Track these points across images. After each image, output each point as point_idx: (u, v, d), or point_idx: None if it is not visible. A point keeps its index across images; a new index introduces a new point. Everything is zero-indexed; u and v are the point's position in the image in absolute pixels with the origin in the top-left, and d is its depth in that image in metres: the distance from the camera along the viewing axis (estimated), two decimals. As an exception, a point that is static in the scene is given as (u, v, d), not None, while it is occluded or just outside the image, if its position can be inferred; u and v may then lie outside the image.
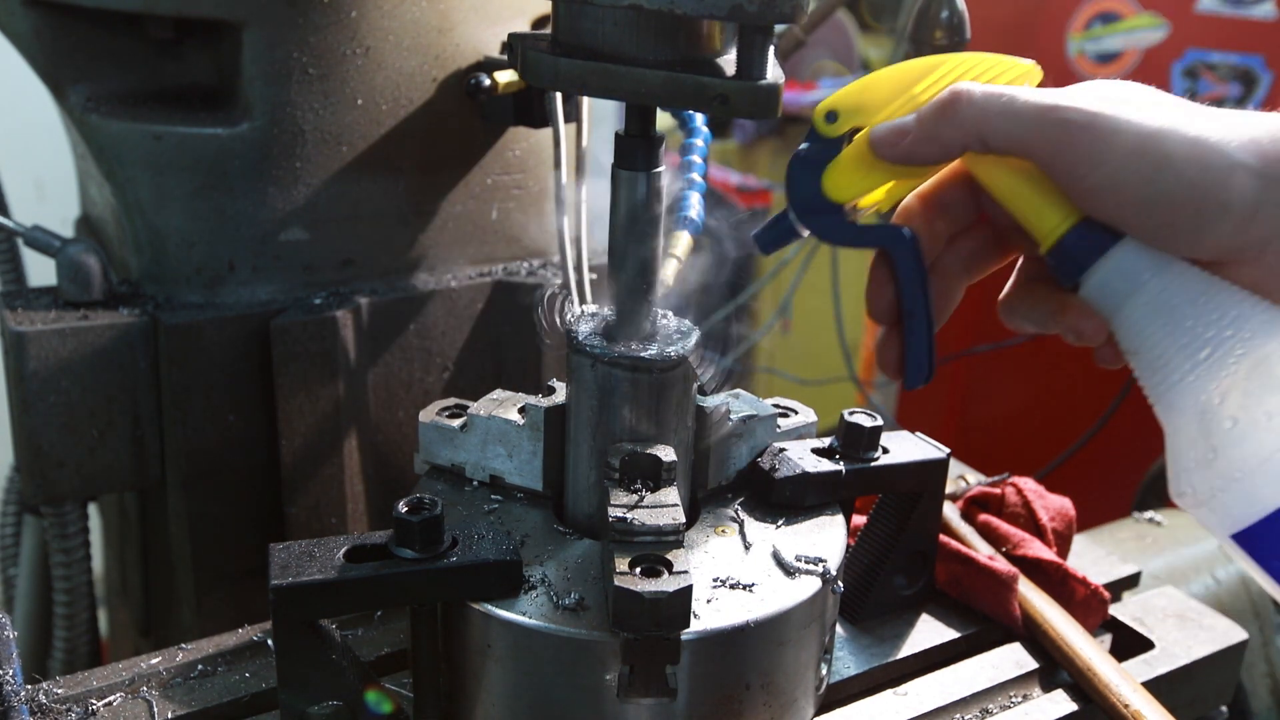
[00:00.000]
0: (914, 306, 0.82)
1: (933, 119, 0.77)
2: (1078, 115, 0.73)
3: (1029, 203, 0.77)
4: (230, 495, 1.23)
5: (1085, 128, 0.72)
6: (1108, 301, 0.76)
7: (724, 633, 0.82)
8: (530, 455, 0.95)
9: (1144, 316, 0.74)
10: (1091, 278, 0.76)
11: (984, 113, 0.75)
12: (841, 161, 0.82)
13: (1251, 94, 2.46)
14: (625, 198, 0.85)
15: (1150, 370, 0.75)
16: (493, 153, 1.31)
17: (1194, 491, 0.72)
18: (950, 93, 0.77)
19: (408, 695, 0.92)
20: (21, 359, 1.12)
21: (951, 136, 0.77)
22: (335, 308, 1.22)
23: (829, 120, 0.82)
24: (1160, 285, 0.73)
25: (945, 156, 0.79)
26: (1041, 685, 1.02)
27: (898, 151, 0.79)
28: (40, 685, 0.92)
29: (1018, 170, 0.77)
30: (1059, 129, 0.73)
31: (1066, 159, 0.73)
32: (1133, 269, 0.74)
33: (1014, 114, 0.74)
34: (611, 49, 0.77)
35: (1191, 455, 0.71)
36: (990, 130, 0.75)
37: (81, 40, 1.15)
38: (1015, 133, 0.74)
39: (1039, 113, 0.74)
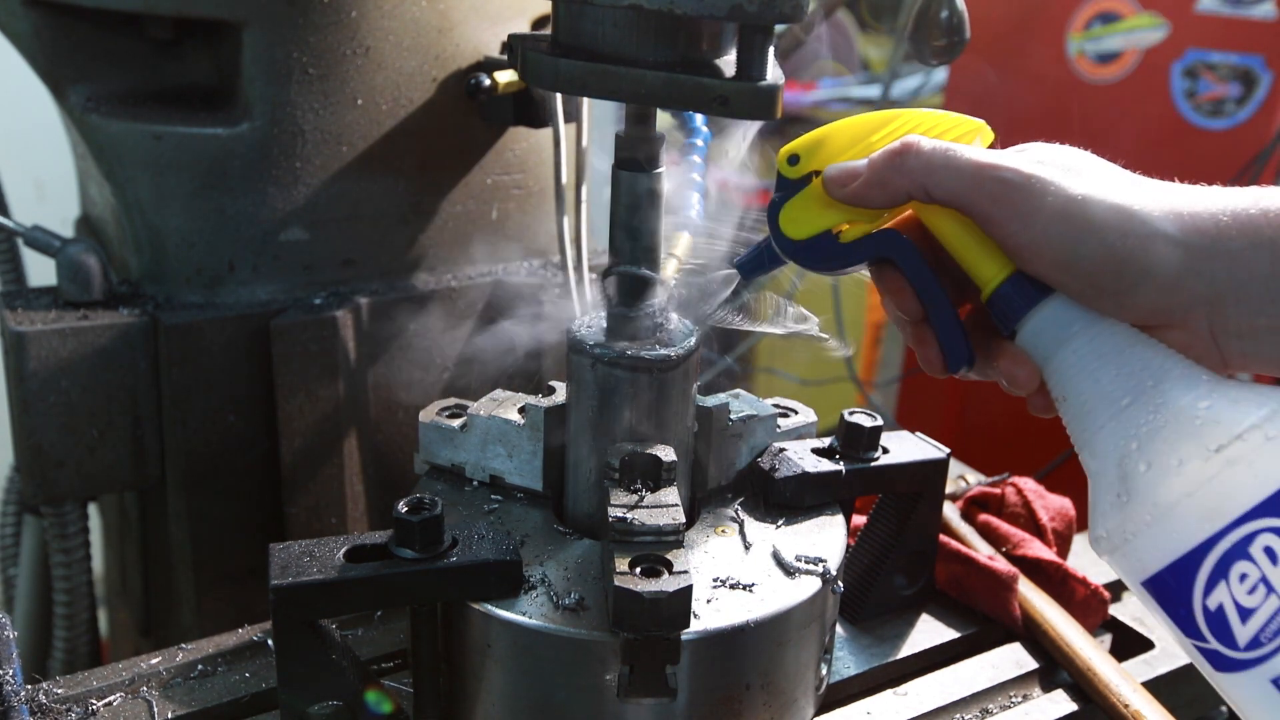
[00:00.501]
0: (935, 295, 0.83)
1: (882, 165, 0.81)
2: (1012, 175, 0.76)
3: (971, 251, 0.81)
4: (230, 495, 1.23)
5: (1018, 188, 0.76)
6: (1039, 350, 0.79)
7: (724, 633, 0.82)
8: (530, 455, 0.95)
9: (1072, 365, 0.77)
10: (1025, 326, 0.79)
11: (929, 165, 0.79)
12: (797, 201, 0.85)
13: (1251, 94, 2.46)
14: (625, 198, 0.85)
15: (1076, 417, 0.78)
16: (493, 153, 1.31)
17: (1108, 536, 0.74)
18: (901, 143, 0.80)
19: (408, 690, 0.92)
20: (21, 359, 1.12)
21: (898, 184, 0.80)
22: (335, 308, 1.22)
23: (791, 163, 0.85)
24: (1088, 336, 0.77)
25: (891, 201, 0.82)
26: (1041, 685, 1.02)
27: (847, 192, 0.82)
28: (40, 685, 0.92)
29: (961, 221, 0.81)
30: (994, 185, 0.76)
31: (999, 215, 0.77)
32: (1064, 320, 0.78)
33: (955, 169, 0.78)
34: (612, 50, 0.77)
35: (1108, 500, 0.74)
36: (933, 182, 0.79)
37: (81, 40, 1.15)
38: (954, 186, 0.78)
39: (977, 170, 0.77)
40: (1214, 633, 0.71)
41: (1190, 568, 0.70)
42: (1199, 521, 0.69)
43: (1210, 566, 0.69)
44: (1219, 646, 0.71)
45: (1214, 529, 0.69)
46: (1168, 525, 0.70)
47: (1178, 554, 0.71)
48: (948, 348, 0.83)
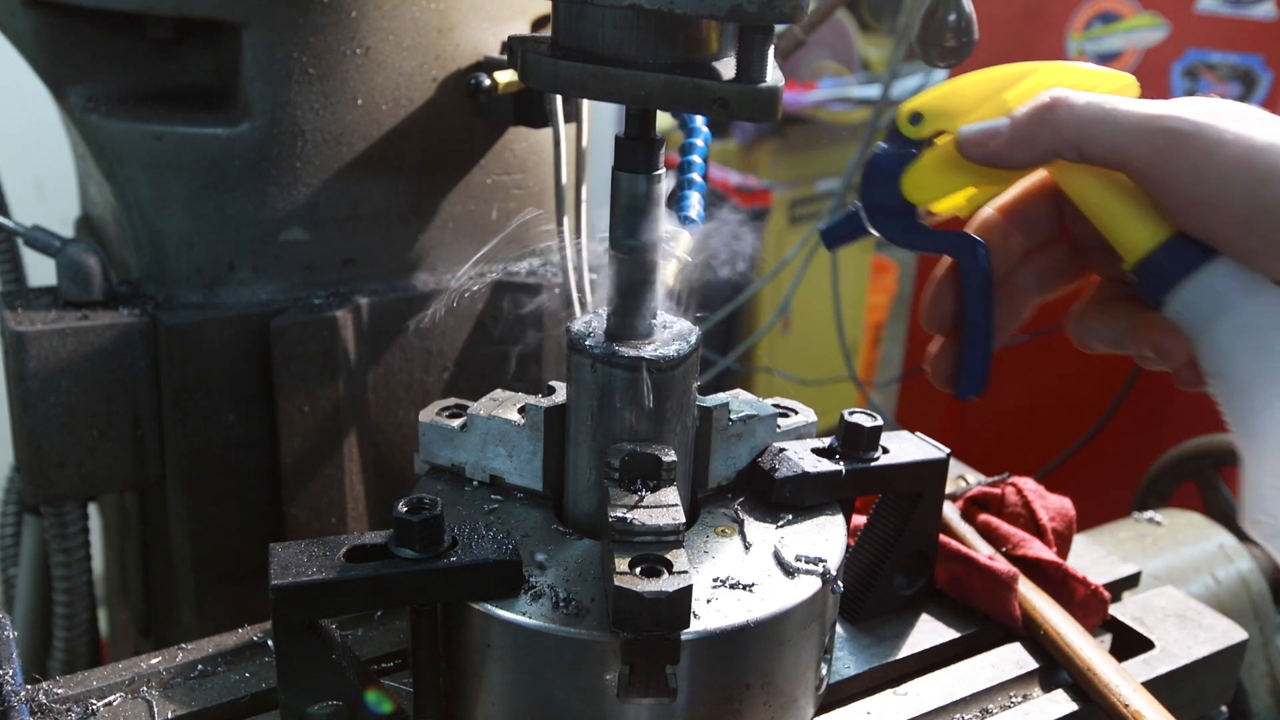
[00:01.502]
0: (977, 318, 0.80)
1: (1029, 122, 0.75)
2: (1183, 125, 0.71)
3: (1119, 216, 0.75)
4: (230, 495, 1.23)
5: (1191, 137, 0.70)
6: (1194, 321, 0.74)
7: (724, 633, 0.82)
8: (530, 455, 0.95)
9: (1231, 339, 0.72)
10: (1179, 296, 0.74)
11: (1083, 119, 0.73)
12: (923, 163, 0.80)
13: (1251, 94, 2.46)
14: (625, 200, 0.85)
15: (1233, 395, 0.73)
16: (493, 153, 1.31)
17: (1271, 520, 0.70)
18: (1050, 96, 0.75)
19: (408, 690, 0.92)
20: (21, 359, 1.12)
21: (1047, 141, 0.75)
22: (335, 308, 1.22)
23: (913, 122, 0.80)
24: (1252, 308, 0.71)
25: (1037, 161, 0.76)
26: (1041, 685, 1.02)
27: (986, 151, 0.77)
28: (40, 685, 0.92)
29: (1109, 182, 0.75)
30: (1163, 138, 0.71)
31: (1168, 169, 0.71)
32: (1224, 289, 0.72)
33: (1115, 122, 0.72)
34: (611, 52, 0.77)
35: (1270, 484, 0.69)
36: (1089, 138, 0.73)
37: (81, 40, 1.15)
38: (1115, 141, 0.72)
39: (1142, 121, 0.72)
40: None
41: None
42: None
43: None
44: None
45: None
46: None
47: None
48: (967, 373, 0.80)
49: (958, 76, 0.81)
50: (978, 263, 0.80)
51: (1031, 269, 0.85)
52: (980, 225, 0.84)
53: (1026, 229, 0.83)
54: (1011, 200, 0.83)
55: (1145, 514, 1.45)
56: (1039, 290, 0.85)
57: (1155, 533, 1.41)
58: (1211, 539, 1.40)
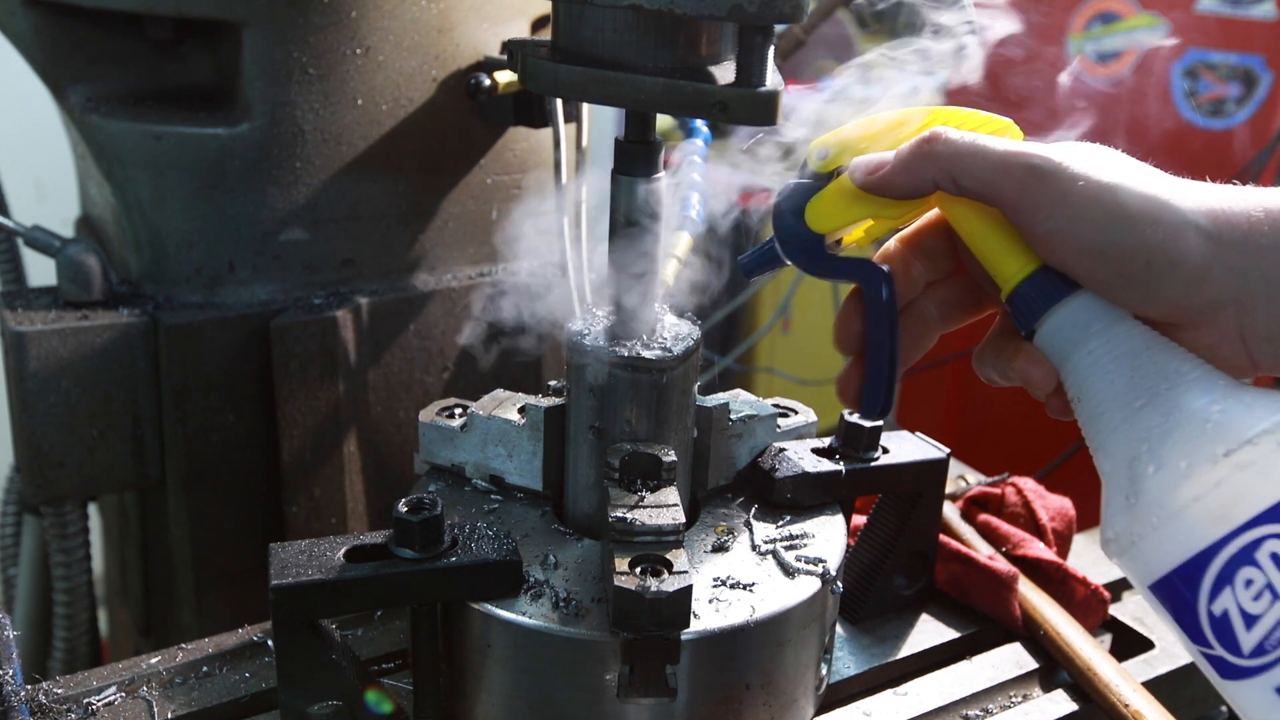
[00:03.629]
0: (878, 339, 0.84)
1: (910, 154, 0.80)
2: (1042, 162, 0.76)
3: (993, 247, 0.80)
4: (230, 495, 1.23)
5: (1049, 175, 0.75)
6: (1058, 350, 0.79)
7: (724, 633, 0.82)
8: (530, 455, 0.95)
9: (1088, 366, 0.77)
10: (1044, 325, 0.79)
11: (957, 153, 0.78)
12: (825, 195, 0.85)
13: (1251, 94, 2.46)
14: (625, 203, 0.85)
15: (1090, 418, 0.77)
16: (493, 153, 1.31)
17: (1116, 538, 0.74)
18: (930, 131, 0.80)
19: (408, 690, 0.92)
20: (21, 359, 1.12)
21: (925, 171, 0.80)
22: (335, 308, 1.22)
23: (819, 157, 0.85)
24: (1108, 336, 0.76)
25: (917, 191, 0.81)
26: (1041, 685, 1.02)
27: (873, 180, 0.82)
28: (40, 685, 0.92)
29: (985, 216, 0.80)
30: (1024, 172, 0.76)
31: (1028, 203, 0.76)
32: (1084, 319, 0.77)
33: (984, 156, 0.77)
34: (611, 56, 0.77)
35: (1118, 501, 0.73)
36: (961, 170, 0.78)
37: (81, 40, 1.15)
38: (983, 174, 0.77)
39: (1006, 157, 0.77)
40: (1219, 639, 0.70)
41: (1196, 572, 0.70)
42: (1206, 526, 0.69)
43: (1216, 572, 0.69)
44: (1224, 653, 0.70)
45: (1220, 533, 0.68)
46: (1174, 529, 0.70)
47: (1184, 558, 0.70)
48: (869, 393, 0.84)
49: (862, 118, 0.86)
50: (879, 289, 0.84)
51: (933, 299, 0.89)
52: (883, 255, 0.89)
53: (926, 261, 0.88)
54: (911, 233, 0.88)
55: (1145, 514, 1.45)
56: (941, 321, 0.90)
57: (1155, 533, 1.40)
58: (1211, 539, 1.40)
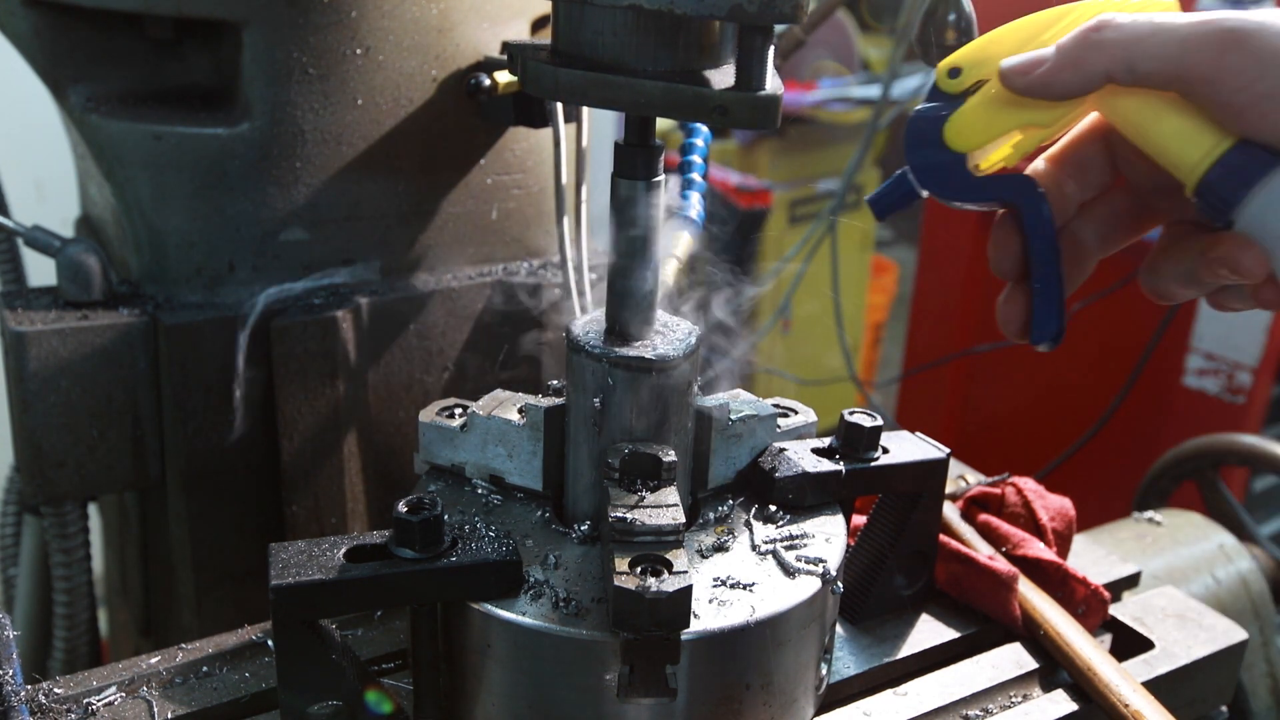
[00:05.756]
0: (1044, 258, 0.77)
1: (1075, 46, 0.72)
2: (1237, 26, 0.69)
3: (1174, 135, 0.72)
4: (230, 495, 1.23)
5: (1251, 34, 0.68)
6: (1271, 229, 0.70)
7: (724, 633, 0.82)
8: (530, 455, 0.95)
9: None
10: (1249, 206, 0.71)
11: (1133, 35, 0.71)
12: (966, 109, 0.78)
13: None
14: (625, 206, 0.85)
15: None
16: (493, 153, 1.31)
17: None
18: (1096, 19, 0.72)
19: (408, 690, 0.92)
20: (21, 359, 1.12)
21: (1094, 63, 0.72)
22: (335, 308, 1.22)
23: (952, 76, 0.78)
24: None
25: (1086, 86, 0.73)
26: (1041, 685, 1.02)
27: (1031, 80, 0.74)
28: (40, 685, 0.92)
29: (1160, 103, 0.73)
30: (1220, 39, 0.68)
31: (1230, 70, 0.68)
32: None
33: (1169, 32, 0.70)
34: (611, 59, 0.77)
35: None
36: (1141, 53, 0.70)
37: (81, 40, 1.15)
38: (1170, 52, 0.70)
39: (1196, 28, 0.69)
40: None
41: None
42: None
43: None
44: None
45: None
46: None
47: None
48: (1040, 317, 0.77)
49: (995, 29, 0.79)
50: (1037, 204, 0.77)
51: (1090, 221, 0.82)
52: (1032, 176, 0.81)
53: (1080, 178, 0.80)
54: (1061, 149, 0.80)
55: (1145, 514, 1.45)
56: (1100, 245, 0.82)
57: (1155, 533, 1.41)
58: (1211, 539, 1.40)
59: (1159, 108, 0.73)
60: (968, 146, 0.78)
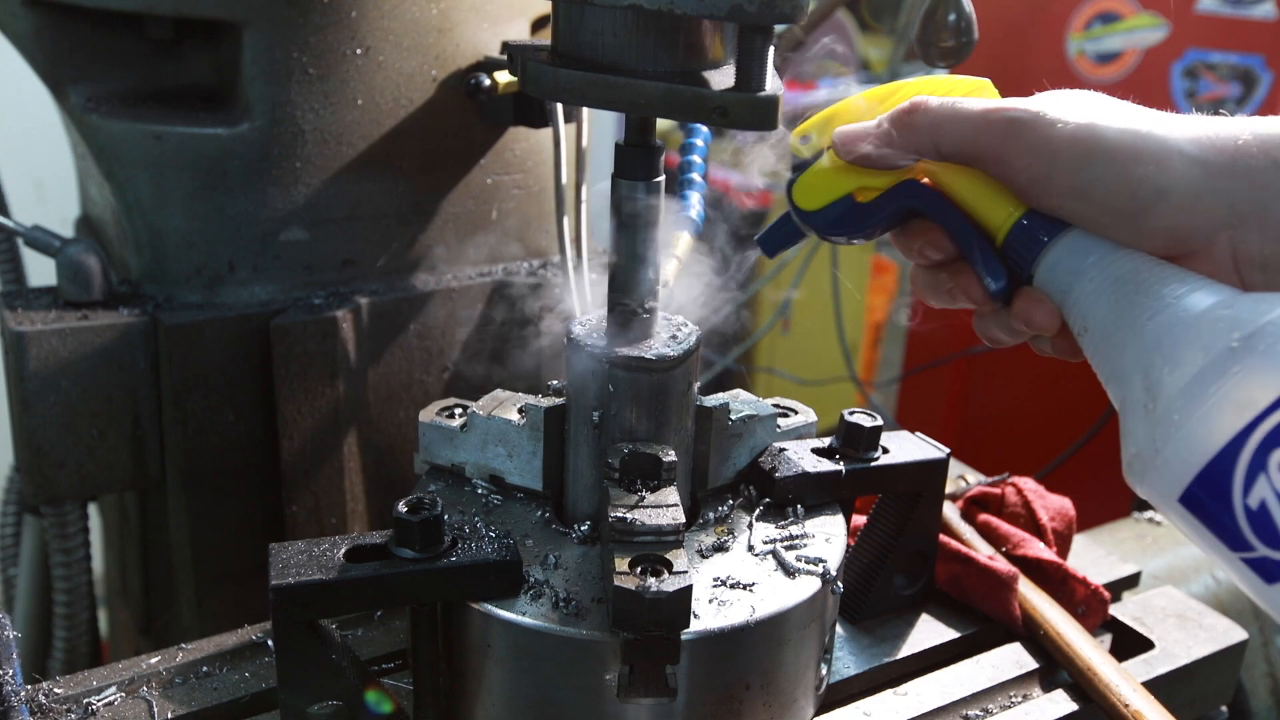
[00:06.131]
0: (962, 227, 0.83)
1: (892, 124, 0.82)
2: (1019, 113, 0.77)
3: (982, 203, 0.82)
4: (230, 495, 1.23)
5: (1026, 123, 0.77)
6: (1058, 285, 0.79)
7: (724, 633, 0.82)
8: (530, 455, 0.95)
9: (1092, 293, 0.76)
10: (1040, 264, 0.79)
11: (937, 119, 0.80)
12: (808, 174, 0.87)
13: (1251, 94, 2.46)
14: (625, 206, 0.85)
15: (1099, 345, 0.76)
16: (493, 153, 1.31)
17: (1139, 453, 0.71)
18: (909, 102, 0.82)
19: (408, 690, 0.92)
20: (21, 359, 1.12)
21: (908, 140, 0.81)
22: (335, 308, 1.22)
23: (803, 142, 0.87)
24: (1106, 263, 0.76)
25: (901, 159, 0.83)
26: (1041, 685, 1.02)
27: (859, 152, 0.83)
28: (40, 685, 0.92)
29: (970, 176, 0.82)
30: (1002, 125, 0.77)
31: (1009, 153, 0.77)
32: (1079, 250, 0.77)
33: (963, 118, 0.79)
34: (611, 60, 0.77)
35: (1136, 415, 0.71)
36: (942, 135, 0.80)
37: (81, 40, 1.15)
38: (964, 134, 0.79)
39: (984, 114, 0.78)
40: (1259, 535, 0.66)
41: (1227, 465, 0.66)
42: (1230, 414, 0.66)
43: (1248, 460, 0.65)
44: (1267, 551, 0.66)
45: (1246, 419, 0.65)
46: (1198, 423, 0.67)
47: (1212, 453, 0.67)
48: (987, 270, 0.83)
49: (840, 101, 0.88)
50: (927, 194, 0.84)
51: None
52: None
53: None
54: None
55: (1145, 514, 1.45)
56: None
57: (1155, 533, 1.41)
58: (1211, 539, 1.40)
59: (967, 177, 0.82)
60: (813, 206, 0.86)
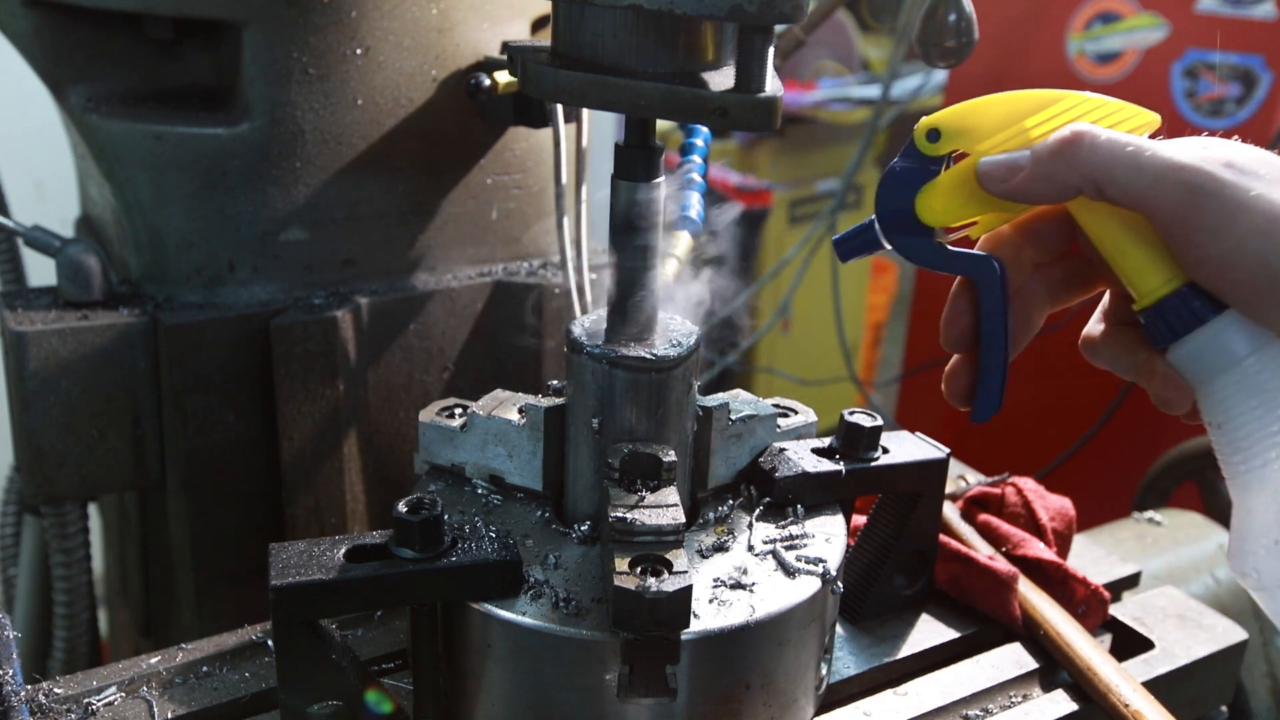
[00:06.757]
0: (993, 340, 0.80)
1: (1050, 158, 0.74)
2: (1207, 181, 0.69)
3: (1133, 258, 0.75)
4: (230, 495, 1.23)
5: (1213, 195, 0.69)
6: (1199, 371, 0.74)
7: (724, 633, 0.82)
8: (530, 455, 0.95)
9: (1235, 393, 0.72)
10: (1185, 345, 0.74)
11: (1107, 160, 0.72)
12: (939, 185, 0.79)
13: (1251, 94, 2.46)
14: (625, 207, 0.85)
15: (1232, 448, 0.73)
16: (493, 153, 1.31)
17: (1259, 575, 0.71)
18: (1073, 132, 0.73)
19: (408, 690, 0.92)
20: (21, 359, 1.12)
21: (1068, 179, 0.73)
22: (335, 308, 1.22)
23: (930, 139, 0.79)
24: (1258, 363, 0.71)
25: (1057, 198, 0.75)
26: (1041, 685, 1.02)
27: (1008, 188, 0.76)
28: (40, 685, 0.92)
29: (1126, 221, 0.75)
30: (1185, 191, 0.70)
31: (1187, 224, 0.70)
32: (1231, 343, 0.72)
33: (1139, 166, 0.71)
34: (611, 61, 0.77)
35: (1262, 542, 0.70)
36: (1110, 179, 0.72)
37: (81, 40, 1.15)
38: (1137, 186, 0.71)
39: (1166, 169, 0.70)
40: None
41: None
42: None
43: None
44: None
45: None
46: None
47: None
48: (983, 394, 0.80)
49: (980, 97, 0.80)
50: (996, 285, 0.79)
51: (1042, 280, 0.84)
52: (993, 238, 0.83)
53: (1039, 245, 0.82)
54: (1024, 217, 0.82)
55: (1145, 514, 1.45)
56: (1049, 301, 0.85)
57: (1155, 533, 1.41)
58: (1211, 539, 1.40)
59: (1123, 226, 0.75)
60: (935, 223, 0.80)
